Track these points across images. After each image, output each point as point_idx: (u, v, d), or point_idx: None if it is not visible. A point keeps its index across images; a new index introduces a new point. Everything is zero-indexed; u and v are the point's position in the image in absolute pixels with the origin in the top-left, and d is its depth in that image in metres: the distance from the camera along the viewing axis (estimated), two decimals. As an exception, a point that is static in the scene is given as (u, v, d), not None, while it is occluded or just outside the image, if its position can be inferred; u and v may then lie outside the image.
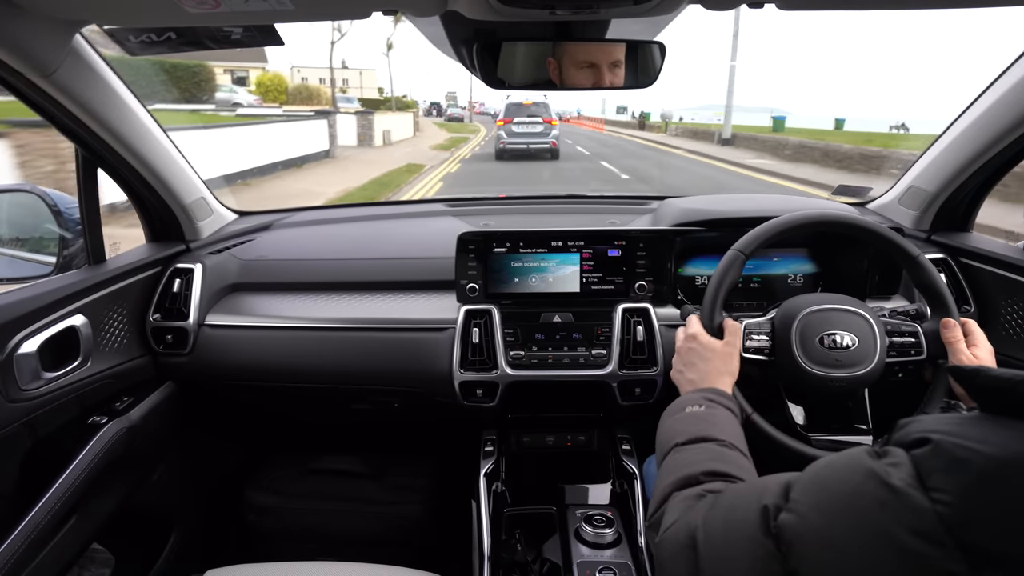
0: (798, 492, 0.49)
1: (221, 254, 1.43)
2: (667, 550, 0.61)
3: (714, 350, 0.90)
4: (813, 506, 0.47)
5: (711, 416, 0.78)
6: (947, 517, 0.38)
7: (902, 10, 0.94)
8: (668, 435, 0.78)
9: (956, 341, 0.90)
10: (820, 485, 0.48)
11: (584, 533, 1.13)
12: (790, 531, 0.47)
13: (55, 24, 0.88)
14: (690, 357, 0.92)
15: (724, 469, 0.67)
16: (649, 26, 1.05)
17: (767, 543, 0.49)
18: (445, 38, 1.07)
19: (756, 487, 0.55)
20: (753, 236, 0.98)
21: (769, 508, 0.50)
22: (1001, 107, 1.14)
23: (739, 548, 0.52)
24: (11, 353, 0.96)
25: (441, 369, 1.24)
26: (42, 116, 1.01)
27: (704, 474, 0.67)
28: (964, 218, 1.37)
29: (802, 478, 0.50)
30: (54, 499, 0.98)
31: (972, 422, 0.41)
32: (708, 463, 0.69)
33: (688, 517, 0.61)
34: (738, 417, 0.80)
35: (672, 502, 0.66)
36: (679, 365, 0.94)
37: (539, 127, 14.27)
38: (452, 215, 1.67)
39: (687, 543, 0.58)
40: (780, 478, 0.53)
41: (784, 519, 0.48)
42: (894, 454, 0.43)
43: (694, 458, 0.71)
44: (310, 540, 1.59)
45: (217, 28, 0.94)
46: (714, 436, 0.73)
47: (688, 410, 0.80)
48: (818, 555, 0.45)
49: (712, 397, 0.82)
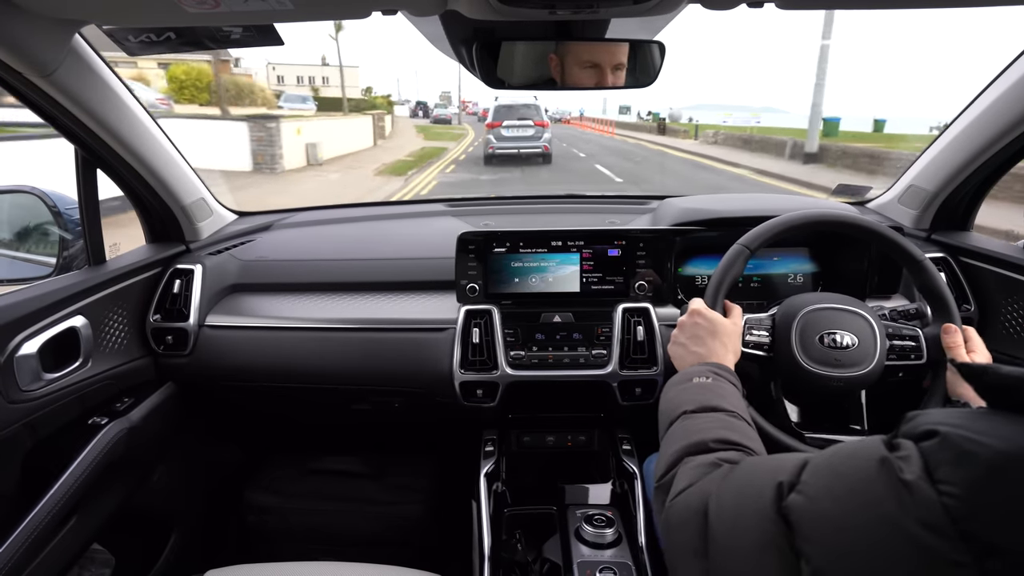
0: (809, 474, 0.49)
1: (221, 255, 1.43)
2: (678, 515, 0.61)
3: (721, 325, 0.90)
4: (823, 489, 0.47)
5: (719, 388, 0.78)
6: (953, 509, 0.38)
7: (900, 9, 0.94)
8: (675, 403, 0.77)
9: (956, 347, 0.90)
10: (832, 469, 0.48)
11: (584, 533, 1.13)
12: (797, 511, 0.48)
13: (54, 24, 0.88)
14: (695, 331, 0.91)
15: (735, 438, 0.68)
16: (648, 25, 1.05)
17: (777, 520, 0.49)
18: (444, 37, 1.07)
19: (772, 463, 0.56)
20: (758, 232, 0.98)
21: (783, 485, 0.50)
22: (1000, 106, 1.14)
23: (749, 521, 0.52)
24: (11, 354, 0.96)
25: (441, 369, 1.24)
26: (41, 116, 1.01)
27: (715, 441, 0.67)
28: (964, 217, 1.37)
29: (816, 460, 0.50)
30: (55, 499, 0.98)
31: (980, 416, 0.42)
32: (719, 431, 0.69)
33: (703, 484, 0.61)
34: (742, 393, 0.80)
35: (684, 467, 0.66)
36: (682, 339, 0.92)
37: (530, 130, 13.64)
38: (452, 215, 1.67)
39: (699, 509, 0.58)
40: (797, 457, 0.53)
41: (793, 499, 0.48)
42: (904, 447, 0.44)
43: (705, 425, 0.70)
44: (310, 540, 1.59)
45: (216, 28, 0.94)
46: (723, 407, 0.73)
47: (696, 380, 0.80)
48: (824, 538, 0.45)
49: (718, 371, 0.82)
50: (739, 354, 0.90)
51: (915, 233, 1.39)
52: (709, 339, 0.89)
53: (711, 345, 0.88)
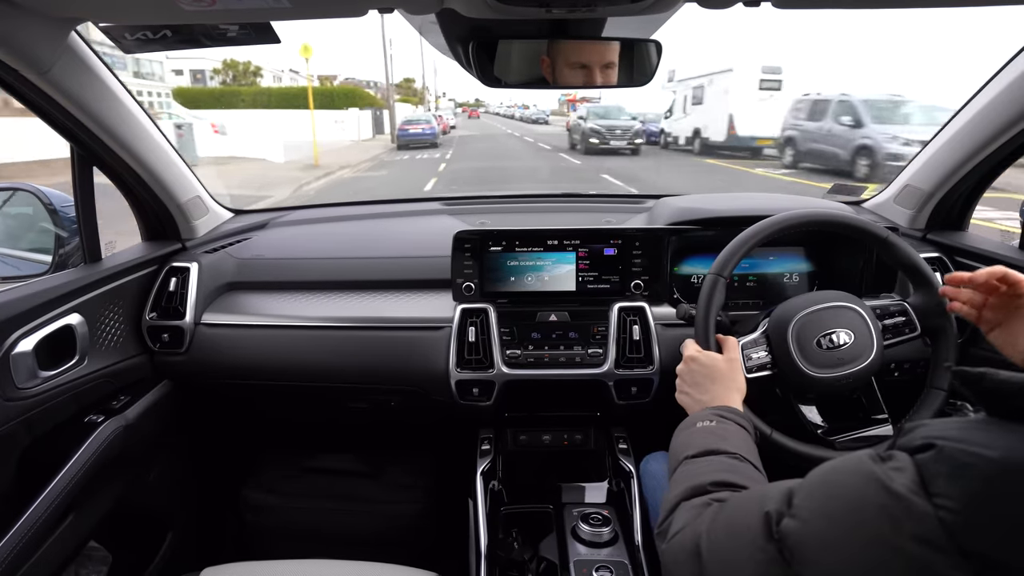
0: (801, 498, 0.49)
1: (217, 253, 1.43)
2: (673, 557, 0.62)
3: (717, 367, 0.89)
4: (816, 511, 0.47)
5: (722, 430, 0.78)
6: (950, 523, 0.37)
7: (898, 9, 0.94)
8: (679, 449, 0.78)
9: (956, 296, 0.90)
10: (823, 490, 0.48)
11: (581, 531, 1.13)
12: (793, 537, 0.47)
13: (50, 21, 0.88)
14: (695, 378, 0.90)
15: (732, 479, 0.68)
16: (645, 24, 1.05)
17: (769, 549, 0.49)
18: (440, 36, 1.07)
19: (758, 494, 0.56)
20: (726, 256, 0.98)
21: (771, 514, 0.50)
22: (996, 106, 1.14)
23: (742, 554, 0.52)
24: (7, 352, 0.95)
25: (437, 368, 1.24)
26: (37, 114, 1.01)
27: (712, 484, 0.67)
28: (959, 217, 1.38)
29: (805, 484, 0.50)
30: (51, 497, 0.98)
31: (977, 426, 0.41)
32: (716, 474, 0.69)
33: (694, 525, 0.61)
34: (750, 433, 0.80)
35: (680, 511, 0.66)
36: (684, 387, 0.92)
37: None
38: (448, 214, 1.67)
39: (692, 550, 0.58)
40: (782, 485, 0.53)
41: (787, 525, 0.48)
42: (898, 459, 0.43)
43: (703, 469, 0.71)
44: (307, 539, 1.59)
45: (213, 26, 0.94)
46: (724, 449, 0.74)
47: (699, 425, 0.80)
48: (821, 560, 0.45)
49: (723, 413, 0.81)
50: (744, 390, 0.89)
51: (911, 233, 1.40)
52: (709, 384, 0.88)
53: (713, 390, 0.88)
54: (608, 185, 10.31)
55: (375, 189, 10.94)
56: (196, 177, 1.40)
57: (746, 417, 0.83)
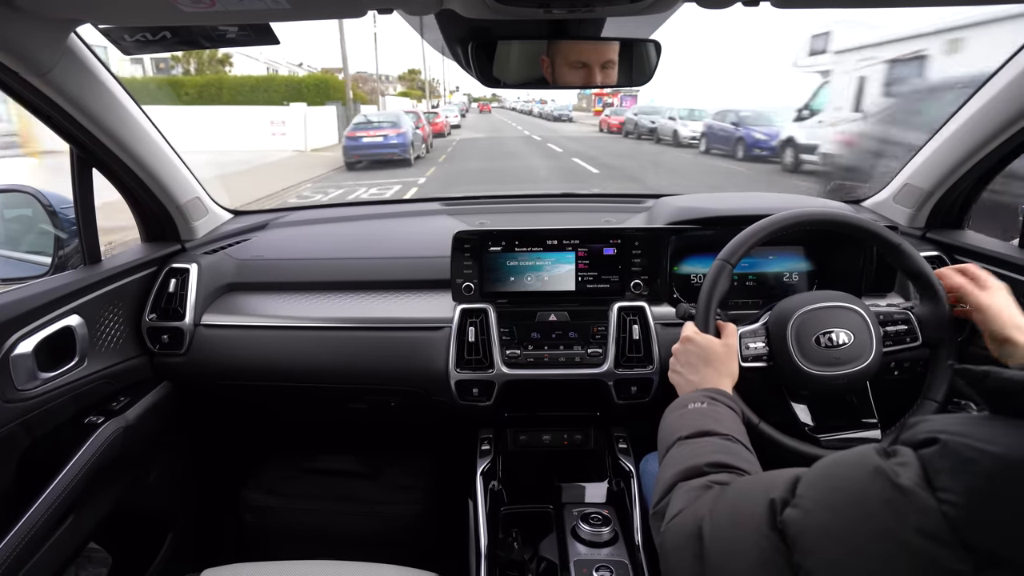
0: (805, 488, 0.49)
1: (217, 254, 1.43)
2: (672, 539, 0.61)
3: (713, 350, 0.90)
4: (819, 502, 0.47)
5: (714, 412, 0.78)
6: (953, 517, 0.38)
7: (897, 8, 0.94)
8: (671, 430, 0.78)
9: (960, 287, 0.89)
10: (827, 482, 0.48)
11: (581, 531, 1.13)
12: (795, 526, 0.48)
13: (50, 23, 0.88)
14: (688, 358, 0.91)
15: (728, 461, 0.68)
16: (645, 24, 1.05)
17: (773, 536, 0.49)
18: (440, 36, 1.07)
19: (764, 480, 0.56)
20: (735, 245, 0.98)
21: (776, 502, 0.50)
22: (995, 105, 1.14)
23: (745, 540, 0.52)
24: (7, 353, 0.95)
25: (437, 368, 1.24)
26: (37, 116, 1.01)
27: (709, 465, 0.67)
28: (959, 216, 1.38)
29: (809, 474, 0.51)
30: (51, 499, 0.98)
31: (981, 422, 0.41)
32: (712, 455, 0.69)
33: (695, 507, 0.61)
34: (739, 416, 0.81)
35: (677, 492, 0.66)
36: (677, 367, 0.93)
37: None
38: (447, 214, 1.67)
39: (693, 532, 0.58)
40: (788, 473, 0.53)
41: (790, 514, 0.48)
42: (902, 453, 0.43)
43: (698, 450, 0.71)
44: (307, 539, 1.59)
45: (212, 27, 0.94)
46: (717, 430, 0.74)
47: (691, 407, 0.80)
48: (823, 551, 0.45)
49: (714, 395, 0.82)
50: (735, 376, 0.89)
51: (910, 232, 1.40)
52: (702, 366, 0.89)
53: (705, 372, 0.88)
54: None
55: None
56: (196, 178, 1.40)
57: (734, 400, 0.84)
